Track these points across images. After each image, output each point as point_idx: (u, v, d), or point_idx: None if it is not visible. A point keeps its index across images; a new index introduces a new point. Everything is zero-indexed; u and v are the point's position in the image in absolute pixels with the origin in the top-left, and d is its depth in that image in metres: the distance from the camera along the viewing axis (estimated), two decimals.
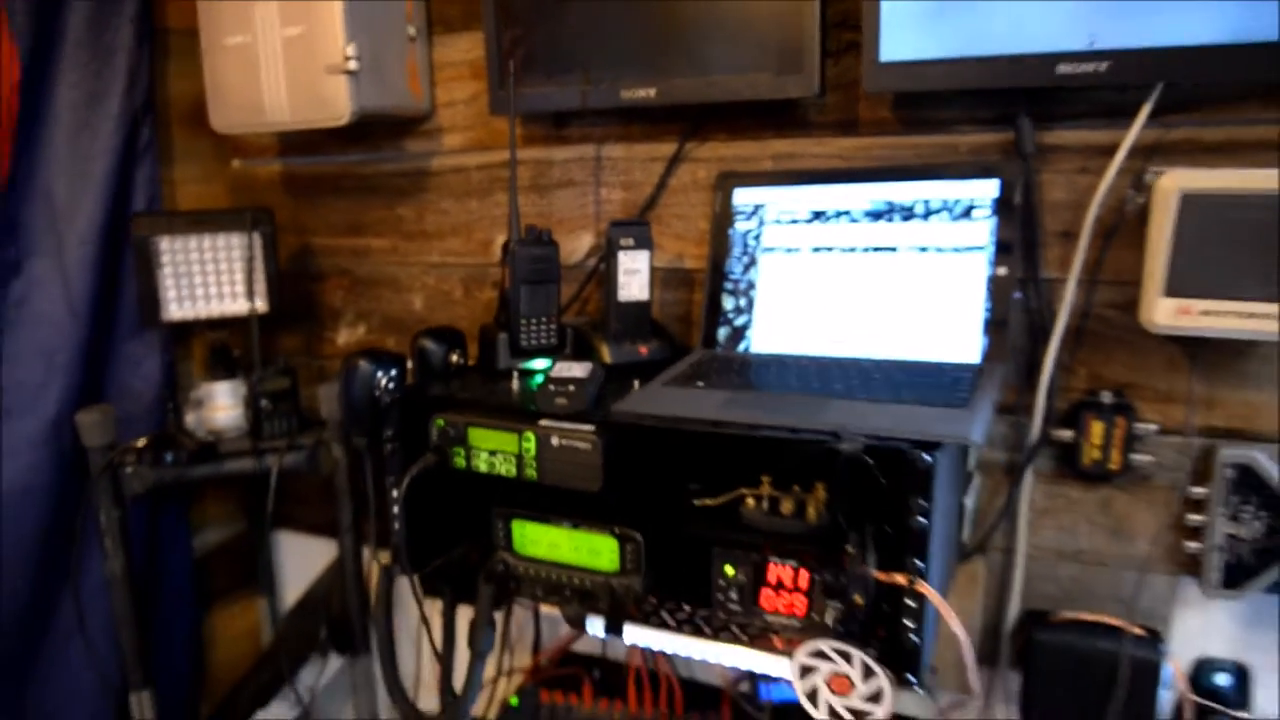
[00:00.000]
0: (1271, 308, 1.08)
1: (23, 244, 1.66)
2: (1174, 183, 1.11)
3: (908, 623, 1.00)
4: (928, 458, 0.95)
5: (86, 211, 1.73)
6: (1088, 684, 1.25)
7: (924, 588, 0.98)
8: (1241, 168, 1.12)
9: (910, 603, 0.99)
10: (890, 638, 1.01)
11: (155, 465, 1.69)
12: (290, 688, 1.82)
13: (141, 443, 1.70)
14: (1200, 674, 1.32)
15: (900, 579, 0.98)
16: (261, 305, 1.76)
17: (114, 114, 1.74)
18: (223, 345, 1.77)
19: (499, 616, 1.63)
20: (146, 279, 1.68)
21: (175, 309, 1.71)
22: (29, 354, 1.67)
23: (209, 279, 1.74)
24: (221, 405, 1.75)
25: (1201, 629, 1.33)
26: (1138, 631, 1.26)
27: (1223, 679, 1.32)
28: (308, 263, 1.93)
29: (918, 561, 0.98)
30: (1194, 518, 1.26)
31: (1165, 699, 1.27)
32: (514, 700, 1.62)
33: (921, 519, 0.97)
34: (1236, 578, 1.25)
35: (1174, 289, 1.13)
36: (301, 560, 2.11)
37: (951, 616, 0.99)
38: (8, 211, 1.63)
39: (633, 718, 1.56)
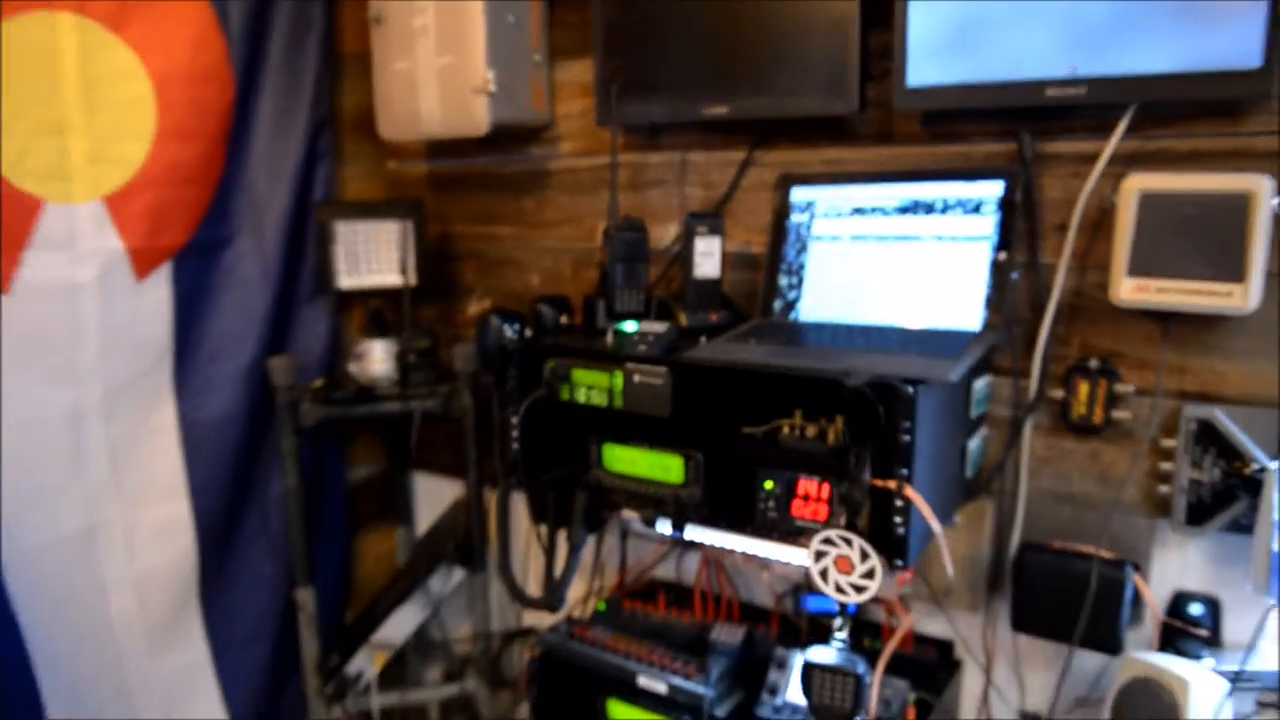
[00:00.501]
0: (1213, 285, 1.34)
1: (232, 225, 2.12)
2: (1135, 184, 1.39)
3: (896, 519, 1.31)
4: (910, 390, 1.26)
5: (279, 201, 2.18)
6: (1060, 596, 1.52)
7: (909, 491, 1.29)
8: (1206, 173, 1.38)
9: (898, 503, 1.30)
10: (884, 530, 1.32)
11: (325, 403, 2.12)
12: (423, 590, 2.23)
13: (316, 384, 2.13)
14: (1177, 604, 1.57)
15: (890, 484, 1.29)
16: (412, 279, 2.18)
17: (302, 124, 2.19)
18: (379, 310, 2.19)
19: (592, 540, 1.99)
20: (324, 255, 2.12)
21: (345, 279, 2.14)
22: (233, 310, 2.13)
23: (371, 257, 2.16)
24: (377, 359, 2.17)
25: (1179, 565, 1.57)
26: (1107, 555, 1.52)
27: (1196, 609, 1.56)
28: (447, 246, 2.34)
29: (904, 470, 1.29)
30: (1165, 465, 1.52)
31: (1147, 628, 1.52)
32: (601, 606, 1.98)
33: (906, 437, 1.27)
34: (1199, 516, 1.49)
35: (1134, 270, 1.40)
36: (432, 497, 2.52)
37: (929, 513, 1.29)
38: (223, 200, 2.09)
39: (698, 623, 1.89)
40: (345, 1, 2.27)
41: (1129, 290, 1.41)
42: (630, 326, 1.71)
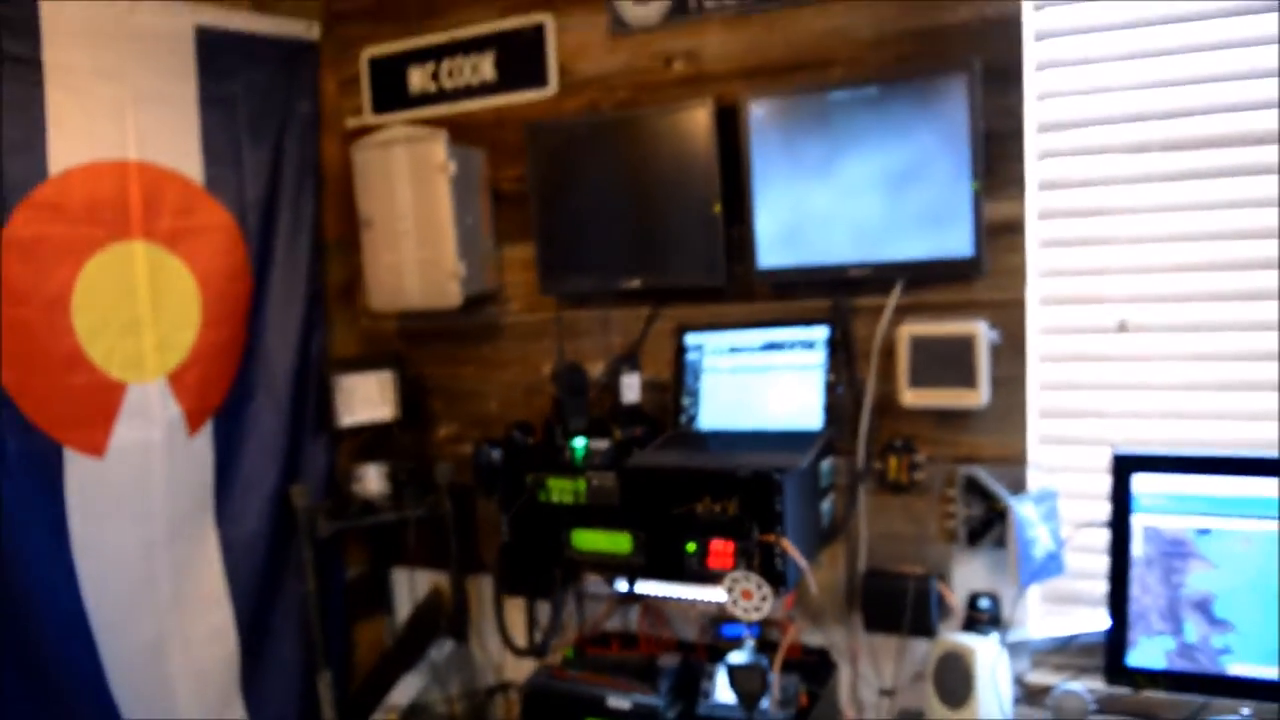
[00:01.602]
0: (960, 391, 2.12)
1: (254, 384, 2.70)
2: (906, 330, 2.18)
3: (777, 561, 2.01)
4: (778, 477, 1.98)
5: (286, 361, 2.77)
6: (892, 604, 2.25)
7: (784, 542, 1.99)
8: (948, 321, 2.17)
9: (778, 551, 2.00)
10: (770, 569, 2.02)
11: (336, 519, 2.70)
12: (420, 660, 2.80)
13: (326, 504, 2.71)
14: (972, 600, 2.31)
15: (771, 538, 2.00)
16: (396, 415, 2.79)
17: (301, 300, 2.80)
18: (371, 441, 2.79)
19: (556, 605, 2.61)
20: (327, 402, 2.72)
21: (345, 419, 2.74)
22: (257, 451, 2.69)
23: (362, 399, 2.77)
24: (373, 479, 2.77)
25: (970, 573, 2.32)
26: (920, 572, 2.26)
27: (985, 602, 2.30)
28: (418, 384, 2.96)
29: (779, 528, 2.00)
30: (950, 508, 2.28)
31: (951, 618, 2.25)
32: (569, 653, 2.60)
33: (778, 507, 1.99)
34: (974, 539, 2.26)
35: (913, 383, 2.18)
36: (407, 587, 3.09)
37: (798, 556, 2.00)
38: (246, 366, 2.67)
39: (645, 656, 2.53)
40: (327, 199, 2.91)
41: (910, 397, 2.18)
42: (580, 442, 2.38)
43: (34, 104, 2.16)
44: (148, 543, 2.42)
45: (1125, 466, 1.96)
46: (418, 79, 2.83)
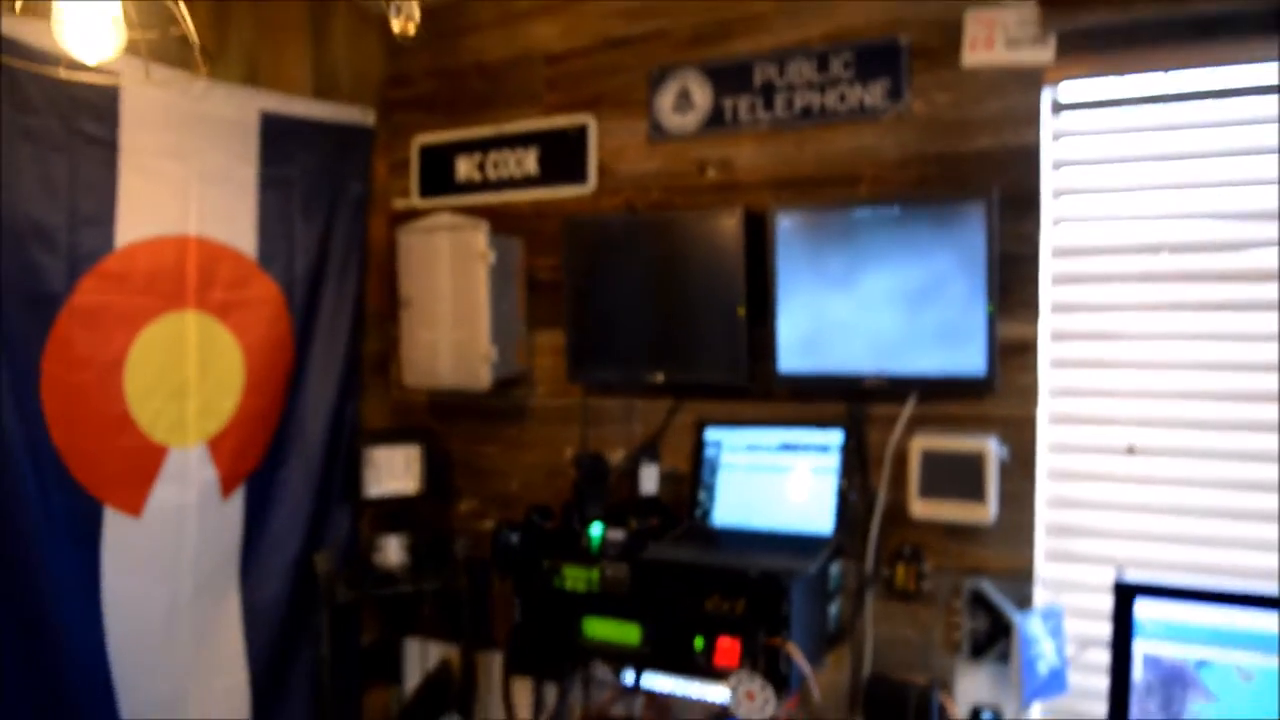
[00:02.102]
0: (969, 504, 2.18)
1: (288, 450, 2.80)
2: (918, 443, 2.24)
3: (782, 664, 2.05)
4: (786, 581, 2.03)
5: (319, 428, 2.87)
6: (895, 711, 2.27)
7: (789, 646, 2.04)
8: (959, 436, 2.24)
9: (783, 654, 2.05)
10: (774, 671, 2.06)
11: (355, 586, 2.77)
12: None
13: (346, 573, 2.79)
14: (975, 714, 2.33)
15: (777, 641, 2.05)
16: (418, 488, 2.88)
17: (338, 370, 2.92)
18: (394, 512, 2.88)
19: (564, 689, 2.65)
20: (356, 473, 2.81)
21: (372, 490, 2.83)
22: (285, 515, 2.78)
23: (390, 471, 2.86)
24: (393, 550, 2.84)
25: (974, 685, 2.34)
26: (923, 682, 2.29)
27: (987, 716, 2.32)
28: (443, 458, 3.05)
29: (785, 632, 2.04)
30: (956, 619, 2.32)
31: None
32: None
33: (786, 610, 2.04)
34: (978, 652, 2.29)
35: (922, 494, 2.23)
36: (419, 660, 3.14)
37: (802, 660, 2.04)
38: (282, 432, 2.77)
39: None
40: (370, 274, 3.05)
41: (919, 508, 2.24)
42: (597, 530, 2.45)
43: (107, 182, 2.31)
44: (173, 601, 2.50)
45: (1128, 593, 1.99)
46: (464, 167, 2.98)
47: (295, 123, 2.76)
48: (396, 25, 1.24)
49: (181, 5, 1.53)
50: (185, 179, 2.49)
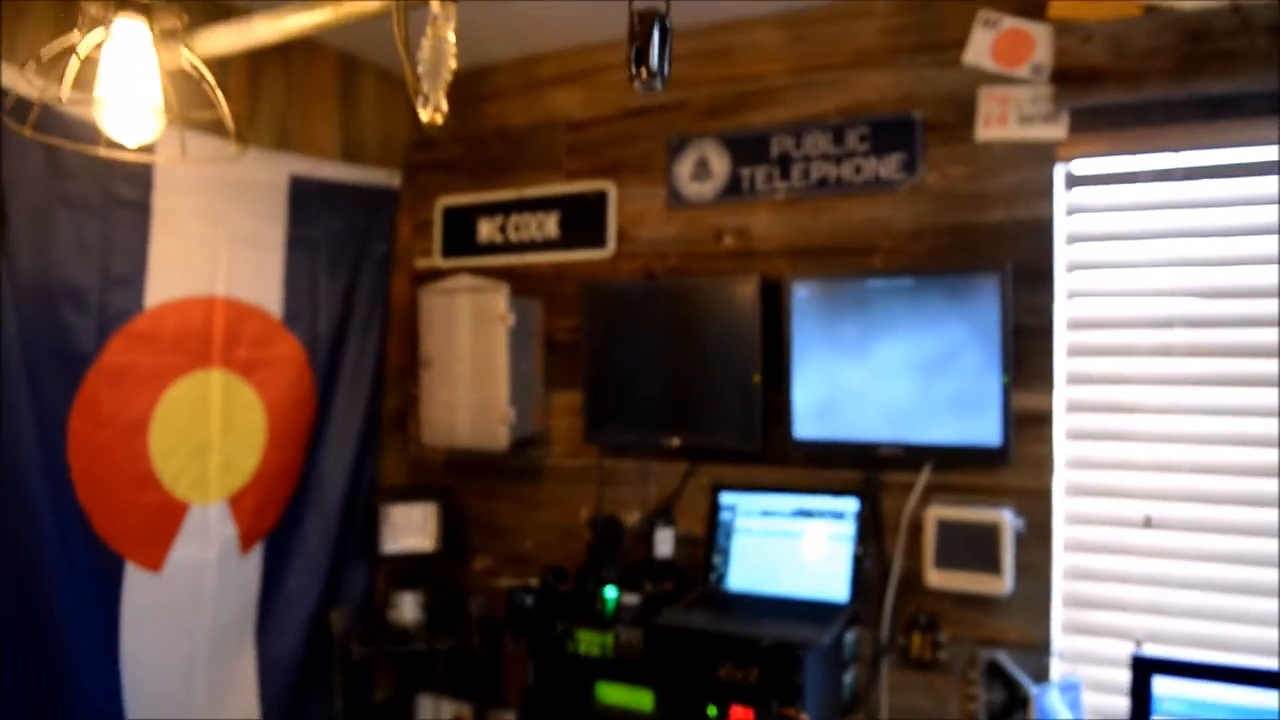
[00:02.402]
0: (985, 576, 2.17)
1: (306, 507, 2.82)
2: (933, 513, 2.25)
3: None
4: (800, 653, 2.03)
5: (338, 484, 2.90)
6: None
7: (803, 717, 2.03)
8: (974, 507, 2.24)
9: None
10: None
11: (370, 643, 2.77)
12: None
13: (361, 629, 2.79)
14: None
15: (790, 711, 2.04)
16: (434, 546, 2.89)
17: (357, 427, 2.95)
18: (409, 568, 2.89)
19: None
20: (374, 529, 2.83)
21: (389, 546, 2.85)
22: (302, 571, 2.80)
23: (406, 528, 2.88)
24: (408, 607, 2.85)
25: None
26: None
27: None
28: (459, 516, 3.07)
29: (799, 702, 2.04)
30: (971, 690, 2.30)
31: None
32: None
33: (799, 679, 2.03)
34: None
35: (938, 565, 2.23)
36: (432, 717, 3.12)
37: None
38: (302, 489, 2.80)
39: None
40: (391, 332, 3.10)
41: (935, 578, 2.24)
42: (612, 594, 2.45)
43: (139, 244, 2.37)
44: (190, 656, 2.51)
45: (1145, 669, 1.98)
46: (486, 229, 3.04)
47: (323, 185, 2.83)
48: (425, 115, 1.28)
49: (219, 92, 1.59)
50: (215, 240, 2.55)
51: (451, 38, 1.27)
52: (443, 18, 1.25)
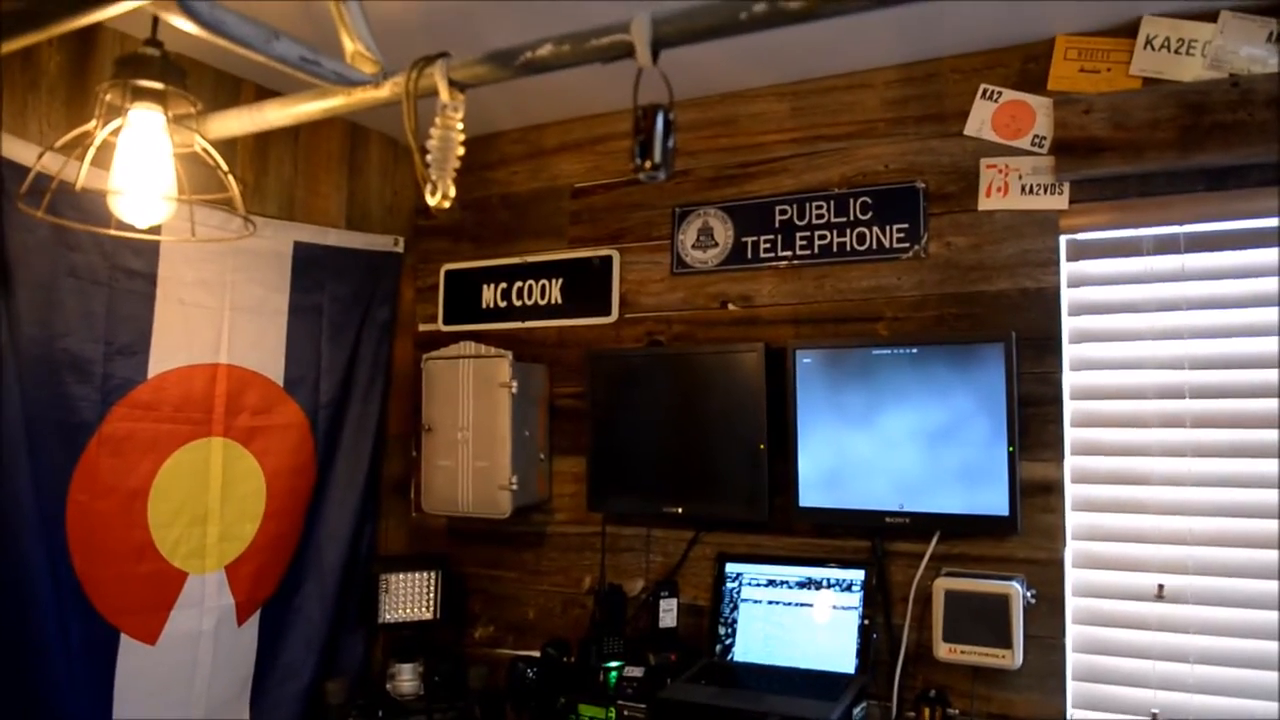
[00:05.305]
0: (994, 650, 2.13)
1: (304, 575, 2.78)
2: (942, 584, 2.21)
3: None
4: None
5: (336, 552, 2.86)
6: None
7: None
8: (983, 578, 2.21)
9: None
10: None
11: (368, 715, 2.71)
12: None
13: (360, 702, 2.74)
14: None
15: None
16: (434, 615, 2.85)
17: (357, 494, 2.92)
18: (408, 637, 2.84)
19: None
20: (372, 599, 2.79)
21: (388, 615, 2.81)
22: (299, 642, 2.75)
23: (405, 597, 2.84)
24: (406, 679, 2.79)
25: None
26: None
27: None
28: (459, 583, 3.03)
29: None
30: None
31: None
32: None
33: None
34: None
35: (947, 638, 2.19)
36: None
37: None
38: (299, 558, 2.77)
39: None
40: (393, 397, 3.08)
41: (944, 651, 2.20)
42: (615, 664, 2.41)
43: (144, 314, 2.37)
44: None
45: None
46: (489, 295, 3.05)
47: (327, 251, 2.84)
48: (433, 201, 1.29)
49: (230, 177, 1.60)
50: (219, 309, 2.55)
51: (460, 127, 1.28)
52: (451, 108, 1.27)
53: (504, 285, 3.03)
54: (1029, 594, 2.20)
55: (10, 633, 2.06)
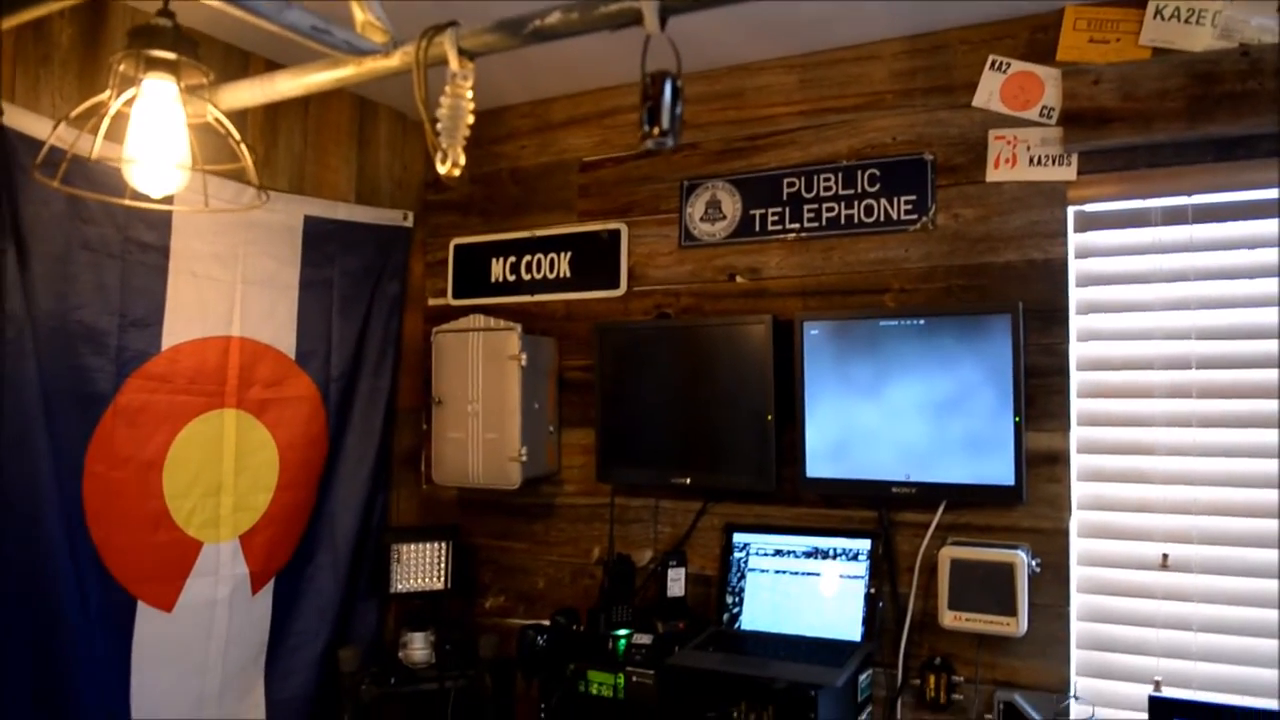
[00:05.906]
0: (999, 617, 2.16)
1: (317, 545, 2.82)
2: (947, 553, 2.24)
3: None
4: (813, 692, 2.02)
5: (349, 523, 2.90)
6: None
7: None
8: (989, 547, 2.23)
9: None
10: None
11: (380, 683, 2.76)
12: None
13: (373, 670, 2.78)
14: None
15: None
16: (445, 585, 2.89)
17: (369, 466, 2.95)
18: (420, 607, 2.88)
19: None
20: (384, 568, 2.83)
21: (399, 585, 2.85)
22: (312, 611, 2.79)
23: (417, 567, 2.88)
24: (418, 647, 2.83)
25: None
26: None
27: None
28: (470, 554, 3.07)
29: None
30: None
31: None
32: None
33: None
34: None
35: (952, 606, 2.22)
36: None
37: None
38: (312, 528, 2.80)
39: None
40: (404, 370, 3.11)
41: (949, 619, 2.22)
42: (624, 633, 2.44)
43: (157, 286, 2.40)
44: (200, 696, 2.50)
45: (1162, 711, 1.96)
46: (498, 269, 3.07)
47: (337, 225, 2.86)
48: (443, 170, 1.31)
49: (243, 146, 1.62)
50: (231, 282, 2.58)
51: (470, 95, 1.29)
52: (461, 76, 1.28)
53: (513, 259, 3.04)
54: (1034, 563, 2.22)
55: (30, 600, 2.11)
